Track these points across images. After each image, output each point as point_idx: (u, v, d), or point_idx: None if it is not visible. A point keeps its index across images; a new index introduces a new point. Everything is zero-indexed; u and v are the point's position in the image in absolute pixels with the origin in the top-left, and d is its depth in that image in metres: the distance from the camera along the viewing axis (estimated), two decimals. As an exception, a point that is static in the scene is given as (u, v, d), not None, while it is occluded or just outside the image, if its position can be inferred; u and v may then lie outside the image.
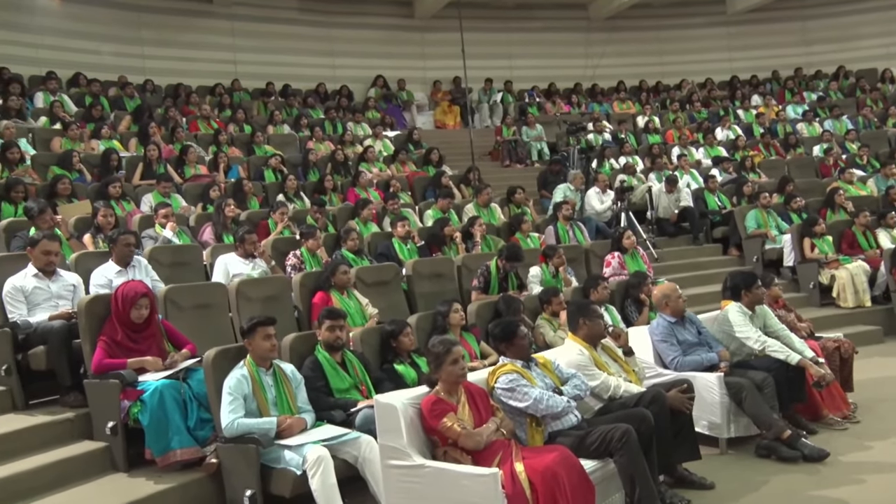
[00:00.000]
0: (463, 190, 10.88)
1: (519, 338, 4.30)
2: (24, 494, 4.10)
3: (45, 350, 4.97)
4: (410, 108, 16.08)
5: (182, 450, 4.36)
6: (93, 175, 9.08)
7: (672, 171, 11.62)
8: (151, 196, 8.48)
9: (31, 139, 9.78)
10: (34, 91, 11.76)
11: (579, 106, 16.16)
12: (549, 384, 4.23)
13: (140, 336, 4.80)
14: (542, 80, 16.92)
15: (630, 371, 4.84)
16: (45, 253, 5.34)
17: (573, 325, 4.85)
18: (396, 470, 3.80)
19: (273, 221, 7.97)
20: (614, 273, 7.75)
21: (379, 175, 10.94)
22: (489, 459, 3.70)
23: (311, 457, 3.99)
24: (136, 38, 14.37)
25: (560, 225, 9.05)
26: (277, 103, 14.12)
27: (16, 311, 5.17)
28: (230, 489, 4.24)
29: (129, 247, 5.82)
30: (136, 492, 4.19)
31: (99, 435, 4.64)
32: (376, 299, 6.34)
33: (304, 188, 9.96)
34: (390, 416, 3.80)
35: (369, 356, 5.04)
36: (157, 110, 11.97)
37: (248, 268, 6.46)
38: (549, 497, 3.48)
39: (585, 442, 3.95)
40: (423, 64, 17.01)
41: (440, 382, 3.92)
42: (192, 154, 9.94)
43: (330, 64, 16.27)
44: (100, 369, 4.63)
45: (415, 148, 12.69)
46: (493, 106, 16.30)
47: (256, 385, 4.28)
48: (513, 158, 13.90)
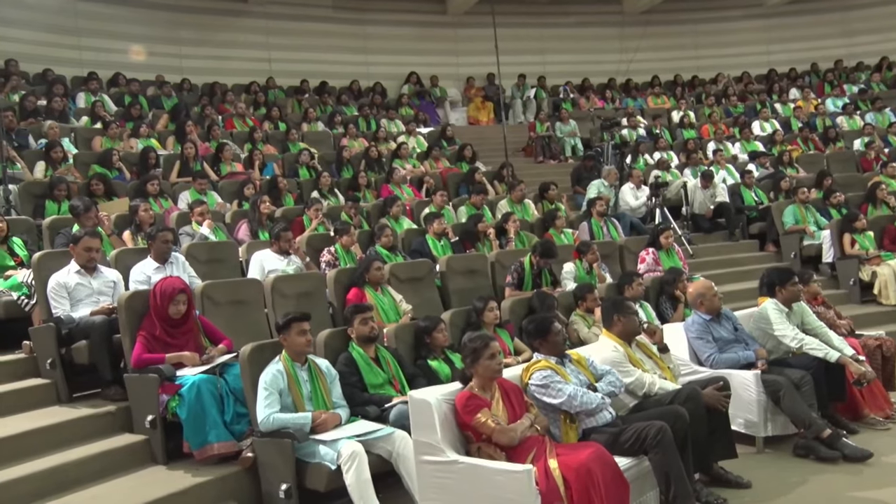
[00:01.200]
0: (496, 186, 10.87)
1: (553, 334, 4.29)
2: (69, 484, 4.19)
3: (87, 345, 5.07)
4: (444, 105, 16.10)
5: (219, 443, 4.42)
6: (132, 173, 9.24)
7: (707, 166, 11.49)
8: (188, 193, 8.60)
9: (74, 138, 9.98)
10: (76, 92, 12.02)
11: (613, 101, 16.02)
12: (583, 381, 4.21)
13: (178, 331, 4.87)
14: (575, 76, 16.81)
15: (665, 368, 4.80)
16: (86, 250, 5.44)
17: (608, 321, 4.82)
18: (430, 465, 3.81)
19: (308, 218, 8.04)
20: (649, 269, 7.69)
21: (412, 171, 10.98)
22: (523, 456, 3.70)
23: (345, 452, 4.02)
24: (174, 38, 14.59)
25: (594, 221, 9.00)
26: (312, 101, 14.22)
27: (59, 307, 5.29)
28: (266, 483, 4.28)
29: (167, 243, 5.91)
30: (175, 484, 4.26)
31: (139, 428, 4.72)
32: (410, 295, 6.36)
33: (339, 185, 10.02)
34: (424, 412, 3.81)
35: (403, 352, 5.06)
36: (194, 109, 12.15)
37: (283, 264, 6.53)
38: (584, 494, 3.48)
39: (620, 439, 3.93)
40: (456, 60, 17.00)
41: (474, 378, 3.93)
42: (227, 152, 10.06)
43: (363, 61, 16.34)
44: (139, 364, 4.71)
45: (448, 144, 12.71)
46: (527, 102, 16.25)
47: (292, 380, 4.32)
48: (546, 154, 13.84)
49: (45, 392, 5.15)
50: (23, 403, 4.98)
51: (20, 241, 6.30)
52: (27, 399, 5.04)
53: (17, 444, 4.43)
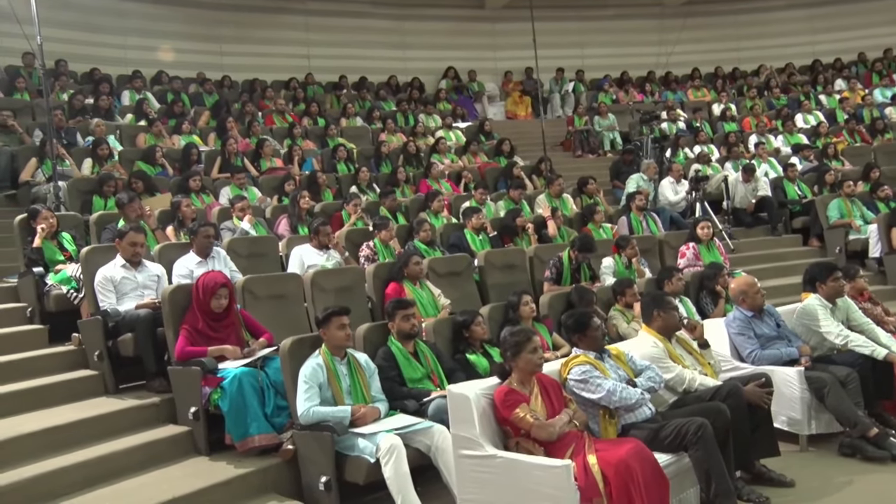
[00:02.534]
0: (535, 181, 10.84)
1: (592, 329, 4.27)
2: (117, 473, 4.29)
3: (133, 337, 5.19)
4: (482, 99, 16.09)
5: (260, 436, 4.48)
6: (174, 169, 9.40)
7: (749, 159, 11.31)
8: (229, 189, 8.71)
9: (119, 136, 10.18)
10: (121, 90, 12.25)
11: (653, 94, 15.85)
12: (622, 376, 4.19)
13: (220, 325, 4.95)
14: (614, 69, 16.65)
15: (705, 364, 4.75)
16: (131, 244, 5.56)
17: (647, 316, 4.79)
18: (469, 460, 3.82)
19: (346, 213, 8.10)
20: (689, 264, 7.62)
21: (451, 166, 10.99)
22: (562, 451, 3.69)
23: (384, 445, 4.04)
24: (215, 36, 14.79)
25: (633, 215, 8.93)
26: (350, 96, 14.31)
27: (106, 300, 5.41)
28: (306, 475, 4.33)
29: (209, 238, 6.01)
30: (218, 475, 4.33)
31: (182, 419, 4.81)
32: (448, 290, 6.37)
33: (377, 180, 10.08)
34: (463, 407, 3.82)
35: (441, 346, 5.07)
36: (234, 105, 12.30)
37: (323, 259, 6.59)
38: (623, 490, 3.46)
39: (660, 435, 3.90)
40: (494, 55, 16.96)
41: (514, 372, 3.93)
42: (267, 147, 10.18)
43: (401, 56, 16.38)
44: (182, 356, 4.80)
45: (486, 139, 12.69)
46: (565, 96, 16.15)
47: (331, 374, 4.36)
48: (585, 148, 13.75)
49: (93, 383, 5.29)
50: (73, 393, 5.13)
51: (69, 237, 6.45)
52: (77, 389, 5.18)
53: (69, 432, 4.55)
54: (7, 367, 5.23)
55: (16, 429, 4.47)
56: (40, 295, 5.97)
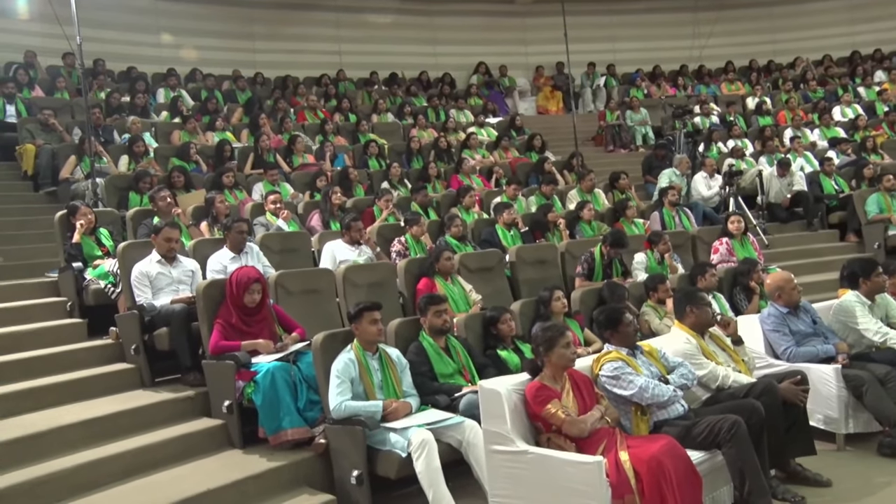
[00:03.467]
0: (566, 176, 10.79)
1: (624, 325, 4.25)
2: (153, 465, 4.37)
3: (168, 331, 5.27)
4: (512, 95, 16.05)
5: (292, 429, 4.52)
6: (208, 165, 9.50)
7: (784, 153, 11.14)
8: (262, 185, 8.79)
9: (154, 133, 10.31)
10: (156, 88, 12.40)
11: (685, 88, 15.69)
12: (654, 372, 4.16)
13: (253, 319, 5.00)
14: (646, 63, 16.49)
15: (739, 361, 4.70)
16: (166, 240, 5.65)
17: (680, 312, 4.75)
18: (500, 455, 3.83)
19: (378, 208, 8.13)
20: (722, 260, 7.54)
21: (482, 162, 10.99)
22: (593, 447, 3.68)
23: (415, 440, 4.05)
24: (248, 34, 14.94)
25: (666, 211, 8.85)
26: (381, 92, 14.35)
27: (142, 295, 5.50)
28: (338, 469, 4.36)
29: (242, 234, 6.08)
30: (251, 467, 4.38)
31: (216, 413, 4.88)
32: (480, 285, 6.37)
33: (408, 175, 10.10)
34: (494, 402, 3.83)
35: (473, 342, 5.07)
36: (267, 102, 12.40)
37: (355, 254, 6.62)
38: (655, 487, 3.44)
39: (692, 432, 3.87)
40: (525, 49, 16.90)
41: (546, 368, 3.92)
42: (299, 143, 10.25)
43: (432, 52, 16.40)
44: (216, 351, 4.86)
45: (517, 134, 12.67)
46: (597, 90, 16.05)
47: (363, 369, 4.39)
48: (616, 143, 13.66)
49: (130, 376, 5.38)
50: (110, 386, 5.22)
51: (106, 232, 6.57)
52: (114, 382, 5.28)
53: (107, 424, 4.64)
54: (48, 360, 5.35)
55: (56, 420, 4.57)
56: (79, 289, 6.09)
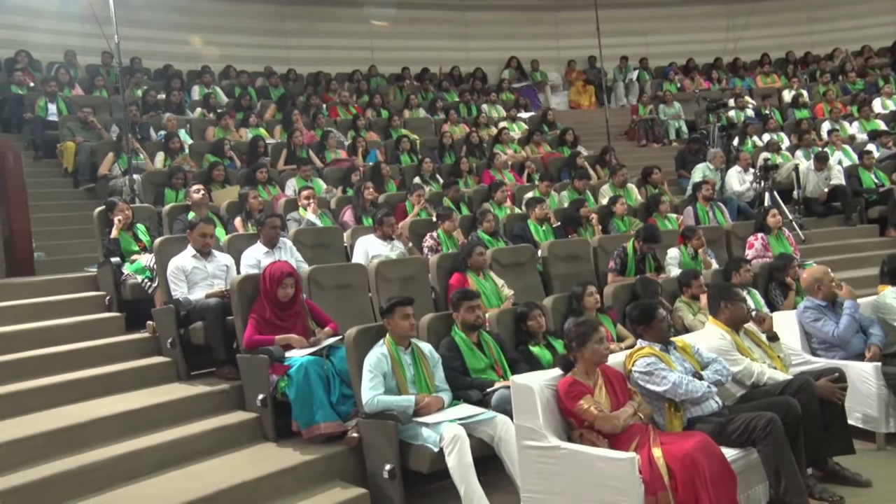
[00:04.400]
0: (599, 170, 10.72)
1: (657, 320, 4.22)
2: (188, 457, 4.43)
3: (203, 325, 5.34)
4: (544, 89, 15.97)
5: (325, 423, 4.55)
6: (242, 161, 9.60)
7: (822, 147, 10.96)
8: (295, 180, 8.85)
9: (189, 129, 10.46)
10: (191, 85, 12.57)
11: (720, 82, 15.49)
12: (688, 368, 4.13)
13: (286, 314, 5.04)
14: (679, 56, 16.32)
15: (775, 357, 4.64)
16: (201, 235, 5.72)
17: (714, 308, 4.70)
18: (532, 451, 3.82)
19: (410, 204, 8.15)
20: (757, 255, 7.45)
21: (514, 157, 10.97)
22: (626, 443, 3.66)
23: (447, 435, 4.06)
24: (280, 30, 15.05)
25: (699, 205, 8.76)
26: (413, 87, 14.37)
27: (178, 290, 5.58)
28: (370, 462, 4.39)
29: (276, 229, 6.13)
30: (285, 460, 4.42)
31: (251, 406, 4.93)
32: (512, 281, 6.35)
33: (440, 171, 10.11)
34: (527, 397, 3.82)
35: (505, 337, 5.07)
36: (300, 98, 12.49)
37: (387, 249, 6.65)
38: (688, 484, 3.41)
39: (727, 429, 3.84)
40: (557, 44, 16.80)
41: (579, 363, 3.91)
42: (332, 139, 10.32)
43: (464, 47, 16.38)
44: (250, 345, 4.91)
45: (549, 129, 12.63)
46: (629, 84, 15.92)
47: (396, 363, 4.40)
48: (650, 137, 13.54)
49: (166, 369, 5.47)
50: (148, 379, 5.31)
51: (143, 228, 6.66)
52: (151, 375, 5.36)
53: (144, 416, 4.72)
54: (87, 353, 5.45)
55: (95, 412, 4.66)
56: (117, 284, 6.20)
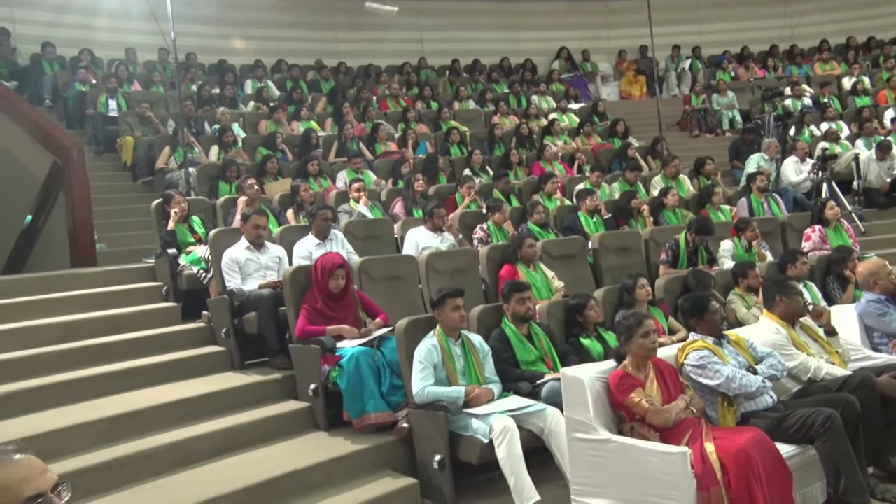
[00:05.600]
0: (650, 161, 10.59)
1: (710, 313, 4.16)
2: (242, 444, 4.52)
3: (256, 316, 5.44)
4: (595, 80, 15.82)
5: (376, 413, 4.59)
6: (293, 154, 9.73)
7: (884, 136, 10.61)
8: (346, 172, 8.94)
9: (242, 123, 10.63)
10: (244, 79, 12.76)
11: (776, 70, 15.14)
12: (742, 362, 4.06)
13: (338, 305, 5.10)
14: (734, 45, 15.98)
15: (833, 352, 4.53)
16: (254, 227, 5.82)
17: (769, 301, 4.61)
18: (582, 443, 3.80)
19: (460, 195, 8.16)
20: (814, 247, 7.26)
21: (564, 148, 10.90)
22: (678, 437, 3.62)
23: (497, 426, 4.06)
24: (331, 24, 15.17)
25: (754, 197, 8.58)
26: (463, 79, 14.36)
27: (232, 280, 5.69)
28: (420, 453, 4.42)
29: (327, 221, 6.20)
30: (336, 449, 4.48)
31: (303, 396, 5.01)
32: (562, 272, 6.32)
33: (490, 162, 10.10)
34: (577, 390, 3.80)
35: (555, 329, 5.05)
36: (350, 91, 12.58)
37: (437, 241, 6.67)
38: (742, 480, 3.35)
39: (783, 425, 3.76)
40: (608, 34, 16.61)
41: (628, 357, 3.88)
42: (382, 131, 10.38)
43: (513, 38, 16.30)
44: (302, 335, 4.98)
45: (600, 120, 12.52)
46: (681, 74, 15.66)
47: (446, 355, 4.42)
48: (702, 128, 13.31)
49: (220, 359, 5.59)
50: (203, 368, 5.44)
51: (199, 220, 6.81)
52: (206, 364, 5.49)
53: (199, 405, 4.83)
54: (146, 342, 5.61)
55: (154, 399, 4.79)
56: (174, 275, 6.35)
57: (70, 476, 2.23)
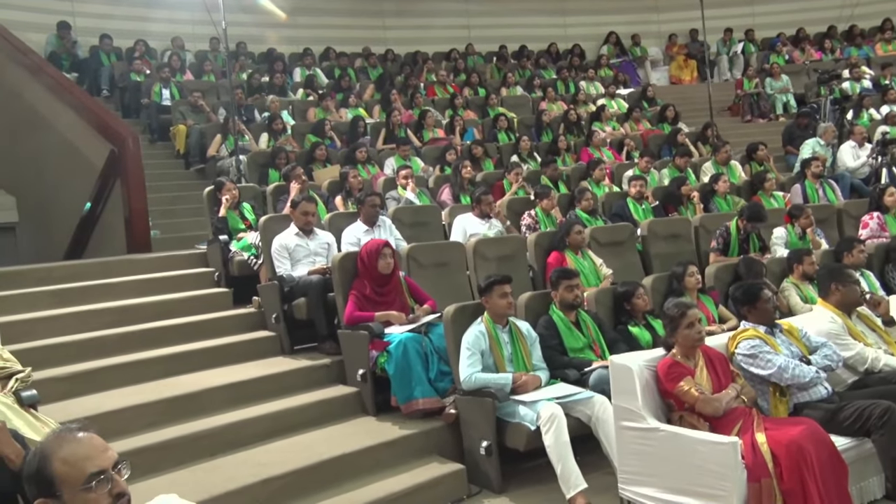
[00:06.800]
0: (700, 147, 10.42)
1: (762, 301, 4.08)
2: (292, 428, 4.59)
3: (306, 302, 5.51)
4: (644, 65, 15.59)
5: (424, 399, 4.62)
6: (342, 141, 9.81)
7: (949, 119, 10.26)
8: (393, 159, 8.99)
9: (291, 111, 10.75)
10: (293, 67, 12.87)
11: (833, 51, 14.71)
12: (795, 352, 3.98)
13: (386, 290, 5.14)
14: (788, 26, 15.53)
15: (891, 343, 4.42)
16: (304, 213, 5.89)
17: (824, 290, 4.51)
18: (630, 431, 3.78)
19: (508, 182, 8.14)
20: (872, 235, 7.06)
21: (612, 134, 10.79)
22: (728, 427, 3.57)
23: (544, 413, 4.05)
24: (378, 11, 15.19)
25: (808, 183, 8.38)
26: (510, 65, 14.28)
27: (282, 266, 5.77)
28: (467, 439, 4.44)
29: (375, 207, 6.24)
30: (384, 434, 4.53)
31: (351, 380, 5.07)
32: (610, 260, 6.27)
33: (538, 149, 10.04)
34: (625, 378, 3.78)
35: (603, 316, 5.02)
36: (397, 78, 12.62)
37: (485, 227, 6.67)
38: (795, 472, 3.29)
39: (838, 417, 3.68)
40: (657, 17, 16.34)
41: (676, 346, 3.83)
42: (429, 118, 10.40)
43: (561, 23, 16.13)
44: (351, 321, 5.03)
45: (649, 105, 12.36)
46: (733, 57, 15.32)
47: (493, 341, 4.43)
48: (755, 113, 13.03)
49: (271, 343, 5.68)
50: (253, 352, 5.53)
51: (249, 206, 6.91)
52: (257, 349, 5.59)
53: (250, 388, 4.92)
54: (199, 326, 5.73)
55: (207, 382, 4.90)
56: (225, 260, 6.47)
57: (128, 455, 2.29)
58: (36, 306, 5.65)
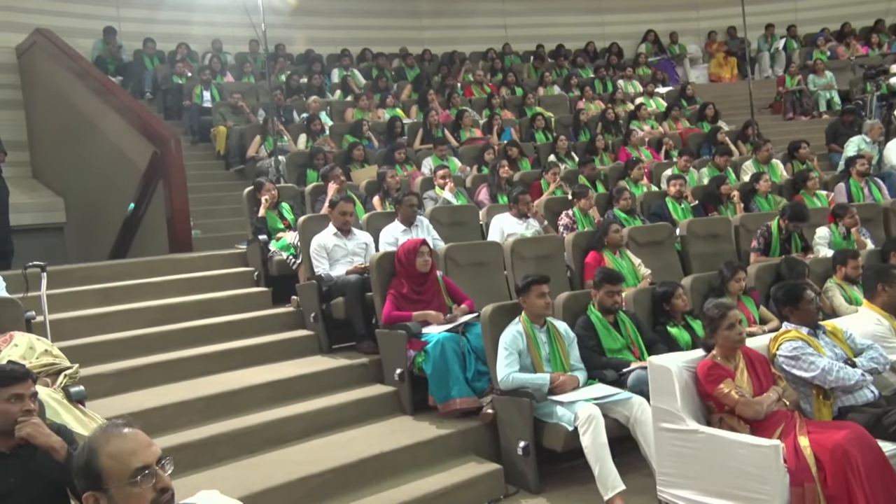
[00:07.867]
0: (740, 146, 10.27)
1: (805, 302, 4.01)
2: (330, 426, 4.64)
3: (344, 301, 5.56)
4: (683, 62, 15.40)
5: (461, 399, 4.64)
6: (379, 141, 9.86)
7: None
8: (431, 159, 9.00)
9: (329, 111, 10.83)
10: (331, 68, 12.97)
11: (880, 46, 14.36)
12: (839, 354, 3.91)
13: (423, 290, 5.16)
14: (833, 21, 15.24)
15: (941, 346, 4.31)
16: (342, 213, 5.94)
17: (870, 291, 4.43)
18: (669, 433, 3.74)
19: (545, 182, 8.11)
20: (921, 235, 6.91)
21: (651, 133, 10.69)
22: (769, 430, 3.52)
23: (582, 414, 4.04)
24: (415, 11, 15.23)
25: (853, 181, 8.21)
26: (547, 64, 14.22)
27: (320, 266, 5.83)
28: (504, 439, 4.44)
29: (413, 207, 6.26)
30: (421, 433, 4.55)
31: (389, 380, 5.11)
32: (649, 259, 6.22)
33: (575, 148, 9.99)
34: (665, 379, 3.74)
35: (642, 317, 4.98)
36: (435, 78, 12.64)
37: (522, 227, 6.65)
38: (839, 477, 3.23)
39: (884, 421, 3.60)
40: (696, 14, 16.13)
41: (716, 347, 3.79)
42: (467, 118, 10.40)
43: (599, 21, 16.02)
44: (389, 320, 5.06)
45: (688, 103, 12.20)
46: (775, 54, 15.07)
47: (531, 341, 4.42)
48: (797, 110, 12.80)
49: (309, 342, 5.74)
50: (292, 351, 5.60)
51: (288, 206, 6.99)
52: (295, 347, 5.65)
53: (289, 386, 4.98)
54: (239, 325, 5.82)
55: (247, 380, 4.97)
56: (265, 260, 6.56)
57: (170, 451, 2.34)
58: (83, 304, 5.80)
